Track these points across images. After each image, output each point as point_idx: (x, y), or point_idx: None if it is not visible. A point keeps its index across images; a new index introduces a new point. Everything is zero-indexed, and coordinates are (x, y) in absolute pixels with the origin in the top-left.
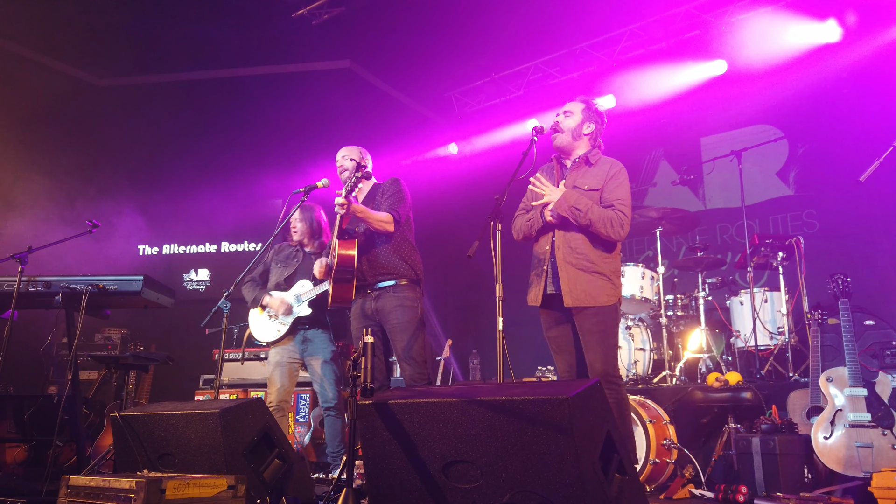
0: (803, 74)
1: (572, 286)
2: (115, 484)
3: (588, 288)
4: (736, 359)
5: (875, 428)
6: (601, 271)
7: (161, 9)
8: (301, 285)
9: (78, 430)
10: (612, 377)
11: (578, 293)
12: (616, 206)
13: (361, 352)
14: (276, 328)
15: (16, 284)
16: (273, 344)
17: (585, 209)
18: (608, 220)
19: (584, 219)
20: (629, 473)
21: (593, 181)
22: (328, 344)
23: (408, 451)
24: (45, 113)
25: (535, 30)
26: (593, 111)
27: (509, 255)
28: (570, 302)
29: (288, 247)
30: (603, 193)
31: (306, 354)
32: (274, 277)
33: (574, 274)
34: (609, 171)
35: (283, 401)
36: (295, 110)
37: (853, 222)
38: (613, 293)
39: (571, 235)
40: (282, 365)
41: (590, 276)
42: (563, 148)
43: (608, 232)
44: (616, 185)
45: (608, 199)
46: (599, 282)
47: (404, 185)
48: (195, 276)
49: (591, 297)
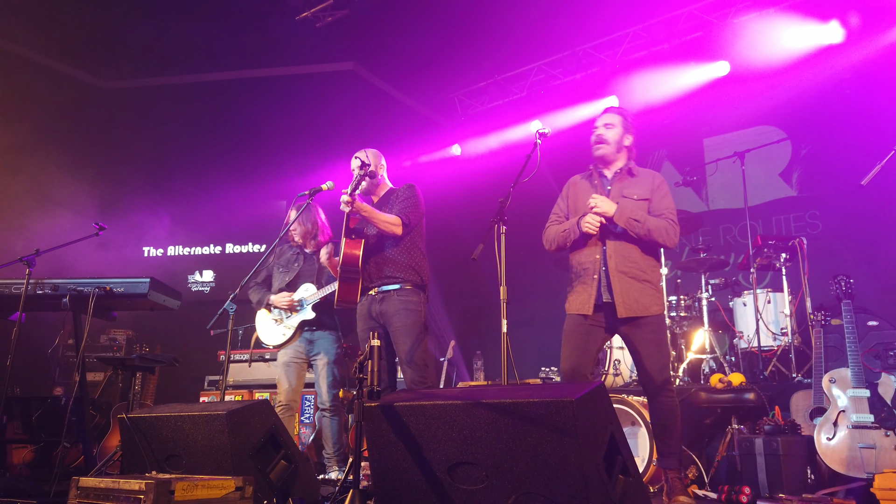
0: (806, 75)
1: (625, 297)
2: (125, 485)
3: (640, 298)
4: (739, 360)
5: (878, 429)
6: (650, 280)
7: (166, 12)
8: (305, 289)
9: (85, 431)
10: (670, 384)
11: (631, 303)
12: (666, 215)
13: (368, 355)
14: (281, 332)
15: (24, 287)
16: (279, 347)
17: (643, 220)
18: (664, 229)
19: (642, 229)
20: (633, 475)
21: (641, 191)
22: (333, 345)
23: (413, 453)
24: (50, 116)
25: (538, 31)
26: (629, 123)
27: (513, 258)
28: (623, 312)
29: (289, 249)
30: (651, 203)
31: (311, 354)
32: (277, 282)
33: (627, 284)
34: (654, 182)
35: (291, 400)
36: (299, 112)
37: (857, 223)
38: (661, 302)
39: (622, 245)
40: (289, 365)
41: (641, 284)
42: (606, 158)
43: (664, 240)
44: (663, 195)
45: (657, 208)
46: (649, 291)
47: (419, 192)
48: (200, 278)
49: (643, 307)
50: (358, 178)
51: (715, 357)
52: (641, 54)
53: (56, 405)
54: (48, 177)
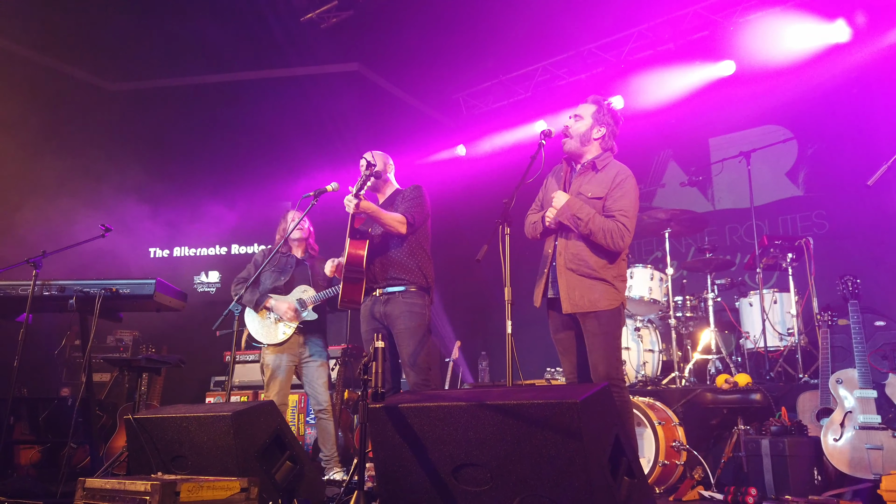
0: (812, 75)
1: (570, 292)
2: (131, 486)
3: (588, 294)
4: (745, 360)
5: (885, 430)
6: (603, 277)
7: (169, 13)
8: (303, 290)
9: (91, 432)
10: (614, 380)
11: (576, 299)
12: (617, 217)
13: (372, 357)
14: (282, 330)
15: (30, 289)
16: (278, 346)
17: (587, 219)
18: (608, 232)
19: (584, 228)
20: (637, 476)
21: (597, 189)
22: (324, 348)
23: (418, 454)
24: (56, 118)
25: (542, 31)
26: (605, 113)
27: (518, 259)
28: (568, 308)
29: (278, 253)
30: (606, 202)
31: (303, 357)
32: (269, 282)
33: (574, 280)
34: (615, 179)
35: (282, 404)
36: (304, 113)
37: (863, 222)
38: (616, 297)
39: (573, 242)
40: (281, 368)
41: (592, 282)
42: (572, 153)
43: (607, 243)
44: (620, 195)
45: (610, 208)
46: (601, 287)
47: (425, 193)
48: (205, 279)
49: (591, 303)
50: (364, 178)
51: (721, 357)
52: (646, 54)
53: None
54: (54, 179)
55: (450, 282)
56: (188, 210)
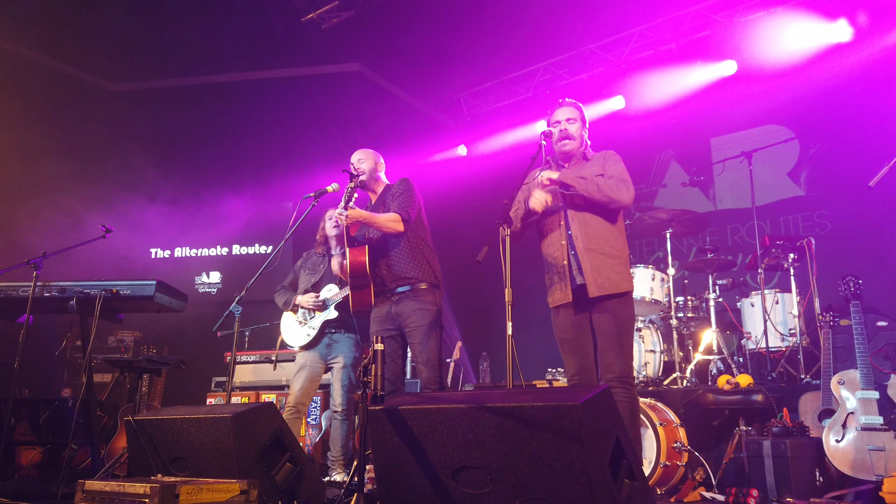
0: (814, 74)
1: (596, 274)
2: (130, 489)
3: (611, 274)
4: (747, 361)
5: (887, 431)
6: (620, 255)
7: (171, 14)
8: (328, 289)
9: (92, 433)
10: (628, 378)
11: (602, 281)
12: (615, 177)
13: (372, 359)
14: (305, 333)
15: (31, 290)
16: (304, 348)
17: (588, 177)
18: (613, 184)
19: (591, 185)
20: (638, 479)
21: (594, 169)
22: (352, 349)
23: (418, 457)
24: (57, 118)
25: (543, 31)
26: (583, 114)
27: (518, 260)
28: (595, 291)
29: (315, 254)
30: (604, 175)
31: (329, 357)
32: (303, 284)
33: (597, 261)
34: (605, 158)
35: (300, 402)
36: (305, 113)
37: (865, 222)
38: (631, 279)
39: (586, 224)
40: (305, 368)
41: (611, 261)
42: (572, 153)
43: (616, 195)
44: (612, 164)
45: (607, 173)
46: (620, 268)
47: (413, 184)
48: (207, 279)
49: (615, 284)
50: (349, 190)
51: (722, 358)
52: (648, 54)
53: (63, 407)
54: (55, 179)
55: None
56: (189, 210)
